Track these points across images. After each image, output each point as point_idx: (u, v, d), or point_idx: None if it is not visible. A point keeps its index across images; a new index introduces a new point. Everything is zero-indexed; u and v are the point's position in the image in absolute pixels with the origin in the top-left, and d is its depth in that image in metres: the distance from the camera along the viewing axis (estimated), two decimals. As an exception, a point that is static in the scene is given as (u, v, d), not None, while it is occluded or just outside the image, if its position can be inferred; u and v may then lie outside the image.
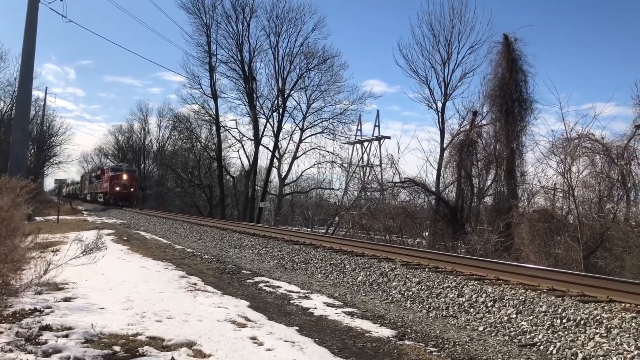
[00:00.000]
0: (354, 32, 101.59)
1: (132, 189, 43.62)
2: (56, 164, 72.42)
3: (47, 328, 5.23)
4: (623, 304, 6.64)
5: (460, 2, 29.25)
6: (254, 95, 43.94)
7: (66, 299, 6.76)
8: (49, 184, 74.94)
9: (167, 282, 8.77)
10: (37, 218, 24.80)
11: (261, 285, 9.29)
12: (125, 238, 16.99)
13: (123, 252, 12.84)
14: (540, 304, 6.78)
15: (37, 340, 4.81)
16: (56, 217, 25.23)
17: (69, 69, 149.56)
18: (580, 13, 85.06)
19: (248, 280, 9.74)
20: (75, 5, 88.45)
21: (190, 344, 5.14)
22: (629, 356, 5.25)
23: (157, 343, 5.10)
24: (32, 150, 60.90)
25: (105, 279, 8.28)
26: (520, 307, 6.85)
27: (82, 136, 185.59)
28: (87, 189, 59.24)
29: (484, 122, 26.78)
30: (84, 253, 6.54)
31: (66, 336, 5.01)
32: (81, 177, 71.40)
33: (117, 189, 42.30)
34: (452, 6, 29.20)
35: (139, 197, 50.24)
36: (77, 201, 58.99)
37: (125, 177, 43.05)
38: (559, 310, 6.47)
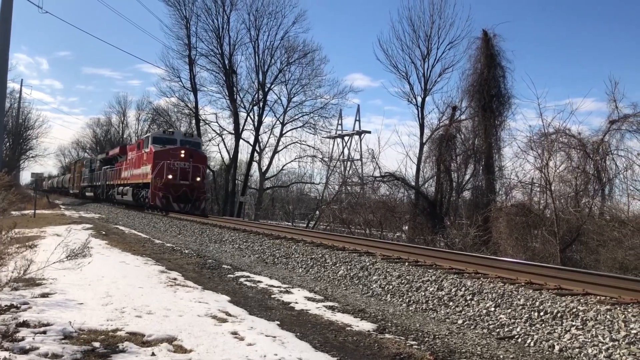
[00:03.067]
0: (338, 26, 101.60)
1: (198, 178, 24.71)
2: (32, 157, 71.38)
3: (25, 325, 5.15)
4: (598, 297, 6.77)
5: (440, -2, 29.41)
6: (235, 88, 43.77)
7: (44, 295, 6.67)
8: (25, 177, 73.81)
9: (147, 277, 8.71)
10: (13, 212, 24.39)
11: (242, 280, 9.28)
12: (103, 233, 16.81)
13: (102, 247, 12.69)
14: (518, 297, 6.88)
15: (14, 337, 4.74)
16: (33, 211, 24.84)
17: (40, 59, 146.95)
18: (559, 10, 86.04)
19: (229, 275, 9.71)
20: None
21: (170, 340, 5.11)
22: (603, 347, 5.36)
23: (137, 339, 5.07)
24: (8, 144, 59.76)
25: (83, 274, 8.18)
26: (499, 301, 6.94)
27: (59, 129, 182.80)
28: (87, 180, 42.68)
29: (462, 117, 27.08)
30: (69, 258, 6.44)
31: (44, 332, 4.95)
32: (72, 165, 55.54)
33: (171, 177, 23.78)
34: (432, 2, 29.53)
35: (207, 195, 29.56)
36: (60, 197, 55.14)
37: (183, 154, 24.34)
38: (537, 303, 6.57)
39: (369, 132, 49.14)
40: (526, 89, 55.41)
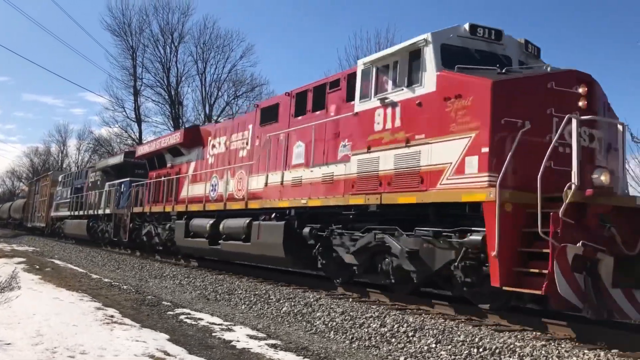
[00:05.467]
0: (287, 60, 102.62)
1: None
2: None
3: (-56, 367, 4.84)
4: (534, 333, 6.98)
5: (386, 39, 30.28)
6: (180, 120, 43.33)
7: (-33, 335, 6.29)
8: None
9: (82, 315, 8.36)
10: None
11: (182, 317, 9.03)
12: (37, 267, 16.08)
13: (34, 282, 12.14)
14: (459, 333, 6.99)
15: None
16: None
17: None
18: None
19: (168, 312, 9.44)
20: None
21: (104, 382, 4.90)
22: (539, 383, 5.50)
23: (69, 381, 4.84)
24: None
25: (12, 311, 7.77)
26: (440, 337, 7.03)
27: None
28: (67, 206, 28.04)
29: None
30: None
31: (-34, 376, 4.66)
32: (32, 184, 42.41)
33: (607, 181, 6.43)
34: (378, 42, 30.15)
35: None
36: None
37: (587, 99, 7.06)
38: (476, 339, 6.69)
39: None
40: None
